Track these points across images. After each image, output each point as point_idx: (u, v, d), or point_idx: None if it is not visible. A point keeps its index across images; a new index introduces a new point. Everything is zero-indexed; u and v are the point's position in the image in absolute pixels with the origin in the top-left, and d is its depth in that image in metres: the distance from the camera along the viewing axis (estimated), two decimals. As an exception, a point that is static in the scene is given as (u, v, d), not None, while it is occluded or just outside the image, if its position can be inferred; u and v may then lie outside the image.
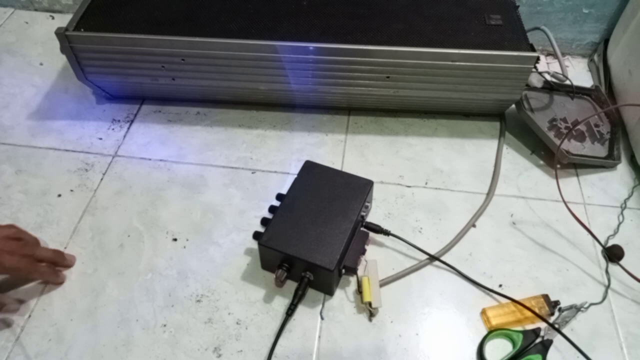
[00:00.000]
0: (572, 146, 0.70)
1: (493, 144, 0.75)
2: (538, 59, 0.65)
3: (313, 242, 0.54)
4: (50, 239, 0.62)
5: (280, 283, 0.58)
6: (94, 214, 0.65)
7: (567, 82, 0.73)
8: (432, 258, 0.61)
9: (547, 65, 0.87)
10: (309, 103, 0.77)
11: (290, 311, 0.55)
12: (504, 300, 0.58)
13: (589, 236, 0.63)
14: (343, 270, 0.56)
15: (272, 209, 0.60)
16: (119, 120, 0.76)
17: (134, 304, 0.57)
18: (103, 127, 0.75)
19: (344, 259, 0.55)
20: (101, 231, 0.63)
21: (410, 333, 0.56)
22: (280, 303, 0.57)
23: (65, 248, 0.62)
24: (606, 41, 0.85)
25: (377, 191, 0.64)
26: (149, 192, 0.68)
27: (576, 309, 0.57)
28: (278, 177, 0.70)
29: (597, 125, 0.73)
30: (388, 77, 0.68)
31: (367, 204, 0.60)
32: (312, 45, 0.65)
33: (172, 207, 0.66)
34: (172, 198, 0.67)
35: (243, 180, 0.69)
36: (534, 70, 0.67)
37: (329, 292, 0.58)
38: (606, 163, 0.71)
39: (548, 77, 0.73)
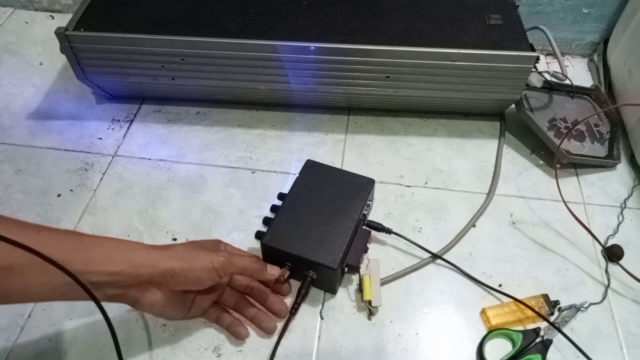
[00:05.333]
0: (572, 146, 0.70)
1: (493, 144, 0.75)
2: (538, 59, 0.65)
3: (316, 241, 0.54)
4: (50, 239, 0.62)
5: (283, 282, 0.58)
6: (94, 214, 0.65)
7: (567, 82, 0.73)
8: (435, 257, 0.61)
9: (547, 65, 0.87)
10: (309, 103, 0.77)
11: (294, 310, 0.55)
12: (504, 300, 0.58)
13: (589, 236, 0.63)
14: (346, 269, 0.56)
15: (274, 208, 0.60)
16: (119, 120, 0.76)
17: (134, 304, 0.57)
18: (103, 127, 0.75)
19: (347, 258, 0.55)
20: (101, 231, 0.63)
21: (410, 333, 0.56)
22: (281, 303, 0.57)
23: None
24: (606, 41, 0.85)
25: (377, 191, 0.64)
26: (149, 192, 0.68)
27: (576, 309, 0.57)
28: (278, 177, 0.70)
29: (597, 125, 0.73)
30: (388, 77, 0.68)
31: (369, 202, 0.60)
32: (312, 45, 0.65)
33: (172, 207, 0.66)
34: (172, 198, 0.67)
35: (243, 180, 0.69)
36: (534, 70, 0.67)
37: (332, 291, 0.58)
38: (606, 163, 0.71)
39: (548, 77, 0.73)
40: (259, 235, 0.59)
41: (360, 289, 0.57)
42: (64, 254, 0.41)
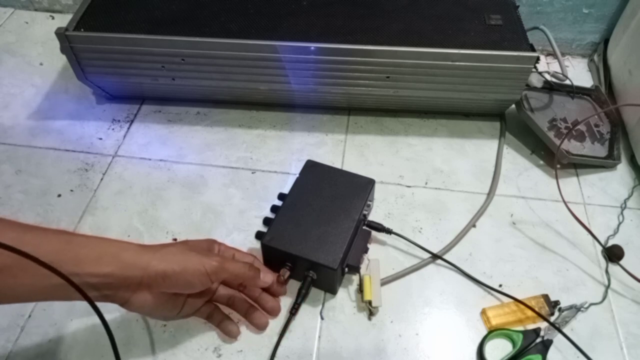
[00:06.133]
0: (572, 146, 0.70)
1: (493, 144, 0.75)
2: (538, 59, 0.65)
3: (316, 241, 0.54)
4: (50, 239, 0.62)
5: (283, 282, 0.58)
6: (94, 214, 0.65)
7: (567, 82, 0.73)
8: (435, 257, 0.61)
9: (547, 65, 0.87)
10: (309, 103, 0.77)
11: (294, 310, 0.55)
12: (504, 300, 0.58)
13: (589, 236, 0.63)
14: (346, 269, 0.56)
15: (274, 208, 0.60)
16: (119, 120, 0.76)
17: (134, 304, 0.57)
18: (103, 127, 0.75)
19: (347, 258, 0.55)
20: (101, 231, 0.63)
21: (410, 333, 0.56)
22: (281, 302, 0.57)
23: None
24: (606, 41, 0.85)
25: (377, 191, 0.64)
26: (149, 192, 0.68)
27: (576, 309, 0.57)
28: (278, 177, 0.70)
29: (597, 125, 0.73)
30: (388, 77, 0.68)
31: (369, 202, 0.60)
32: (312, 45, 0.65)
33: (172, 207, 0.66)
34: (172, 198, 0.67)
35: (243, 180, 0.69)
36: (534, 70, 0.67)
37: (332, 291, 0.58)
38: (606, 163, 0.71)
39: (548, 77, 0.73)
40: (259, 235, 0.59)
41: (360, 289, 0.57)
42: (51, 254, 0.41)
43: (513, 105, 0.74)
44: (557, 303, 0.57)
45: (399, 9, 0.71)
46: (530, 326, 0.56)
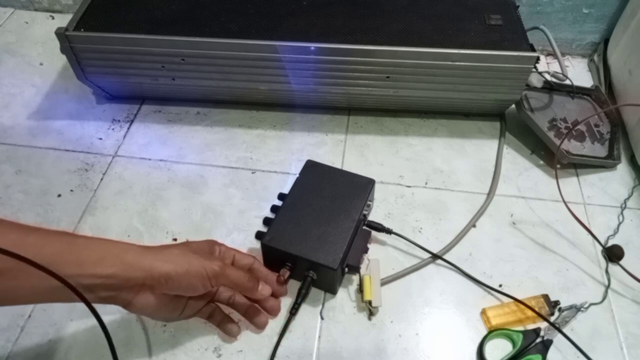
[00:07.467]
0: (572, 146, 0.70)
1: (493, 144, 0.75)
2: (538, 59, 0.65)
3: (316, 241, 0.54)
4: (50, 239, 0.62)
5: (283, 282, 0.57)
6: (94, 214, 0.65)
7: (567, 82, 0.73)
8: (435, 257, 0.61)
9: (547, 65, 0.87)
10: (309, 103, 0.77)
11: (294, 310, 0.55)
12: (504, 300, 0.58)
13: (589, 236, 0.63)
14: (346, 269, 0.56)
15: (274, 208, 0.60)
16: (119, 120, 0.76)
17: (134, 304, 0.57)
18: (103, 127, 0.75)
19: (347, 258, 0.55)
20: (101, 231, 0.63)
21: (410, 333, 0.56)
22: (281, 302, 0.57)
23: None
24: (606, 41, 0.85)
25: (377, 191, 0.64)
26: (149, 192, 0.68)
27: (576, 309, 0.57)
28: (278, 177, 0.70)
29: (597, 125, 0.73)
30: (388, 77, 0.68)
31: (369, 202, 0.60)
32: (312, 45, 0.65)
33: (172, 207, 0.66)
34: (172, 198, 0.67)
35: (243, 180, 0.69)
36: (534, 70, 0.67)
37: (332, 291, 0.58)
38: (606, 163, 0.71)
39: (548, 77, 0.73)
40: (259, 235, 0.59)
41: (360, 289, 0.57)
42: (54, 256, 0.41)
43: (513, 105, 0.74)
44: (557, 303, 0.57)
45: (399, 9, 0.71)
46: (530, 326, 0.56)
